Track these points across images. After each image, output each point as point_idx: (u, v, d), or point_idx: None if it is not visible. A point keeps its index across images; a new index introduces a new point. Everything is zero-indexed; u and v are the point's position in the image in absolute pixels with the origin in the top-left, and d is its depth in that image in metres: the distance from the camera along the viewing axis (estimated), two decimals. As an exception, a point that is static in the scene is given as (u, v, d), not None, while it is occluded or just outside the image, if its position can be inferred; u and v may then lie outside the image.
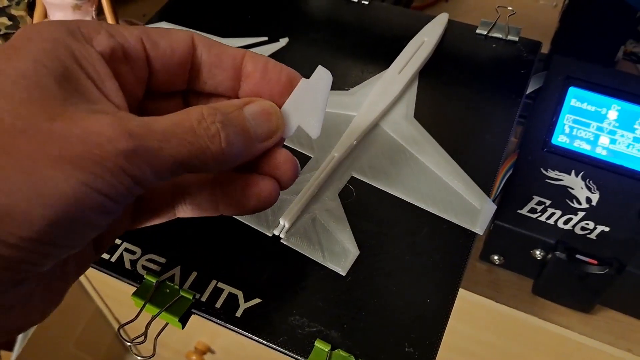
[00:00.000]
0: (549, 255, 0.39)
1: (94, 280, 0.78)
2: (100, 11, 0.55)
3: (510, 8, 0.43)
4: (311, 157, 0.36)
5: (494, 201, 0.40)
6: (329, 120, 0.37)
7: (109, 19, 0.54)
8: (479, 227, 0.32)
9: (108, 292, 0.81)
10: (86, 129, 0.18)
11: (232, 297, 0.30)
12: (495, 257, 0.43)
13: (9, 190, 0.16)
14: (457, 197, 0.33)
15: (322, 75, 0.24)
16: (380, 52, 0.42)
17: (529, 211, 0.39)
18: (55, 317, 0.88)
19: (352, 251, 0.31)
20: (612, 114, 0.41)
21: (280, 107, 0.24)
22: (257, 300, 0.30)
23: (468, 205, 0.33)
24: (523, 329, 0.45)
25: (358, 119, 0.37)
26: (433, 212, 0.33)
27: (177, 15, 0.46)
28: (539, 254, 0.39)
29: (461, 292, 0.44)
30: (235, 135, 0.22)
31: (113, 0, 0.54)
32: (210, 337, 0.79)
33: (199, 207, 0.25)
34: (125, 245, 0.32)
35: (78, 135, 0.18)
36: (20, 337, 0.89)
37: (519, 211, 0.39)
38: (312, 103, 0.24)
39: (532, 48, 0.42)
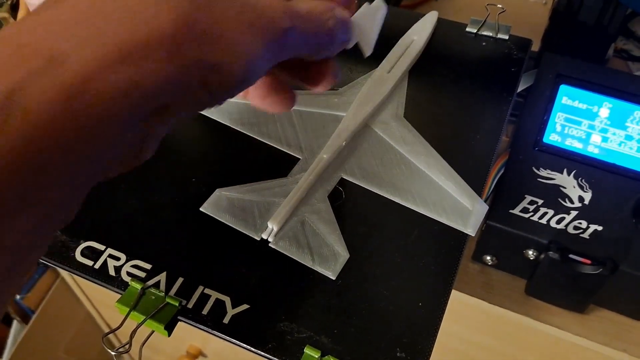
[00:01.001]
0: (542, 256, 0.38)
1: (84, 285, 0.77)
2: None
3: (500, 6, 0.42)
4: (300, 159, 0.35)
5: (485, 201, 0.39)
6: (318, 121, 0.37)
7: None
8: (471, 228, 0.32)
9: (98, 298, 0.80)
10: (261, 1, 0.21)
11: (219, 303, 0.29)
12: (488, 258, 0.42)
13: (222, 49, 0.19)
14: (449, 198, 0.33)
15: (380, 4, 0.29)
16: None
17: (521, 211, 0.39)
18: (45, 322, 0.88)
19: (342, 254, 0.31)
20: (604, 112, 0.41)
21: None
22: (245, 306, 0.29)
23: (459, 206, 0.33)
24: (517, 329, 0.45)
25: (347, 120, 0.36)
26: (424, 214, 0.32)
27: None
28: (532, 254, 0.39)
29: (454, 293, 0.43)
30: (340, 31, 0.24)
31: None
32: (202, 341, 0.78)
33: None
34: (110, 251, 0.31)
35: (259, 7, 0.21)
36: (9, 341, 0.88)
37: (511, 211, 0.39)
38: (370, 25, 0.29)
39: (523, 46, 0.41)
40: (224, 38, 0.19)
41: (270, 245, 0.31)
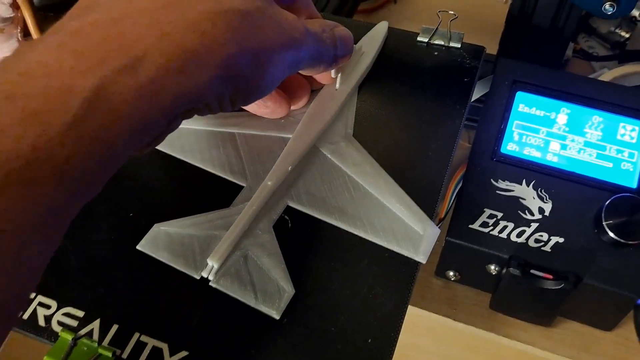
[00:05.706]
0: (504, 271, 0.37)
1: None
2: (26, 32, 0.52)
3: (452, 12, 0.41)
4: (244, 187, 0.33)
5: (445, 216, 0.38)
6: (264, 144, 0.35)
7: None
8: (422, 255, 0.30)
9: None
10: (290, 22, 0.25)
11: (156, 351, 0.27)
12: (451, 273, 0.41)
13: (259, 66, 0.23)
14: (399, 223, 0.31)
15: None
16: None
17: (480, 225, 0.37)
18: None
19: (287, 290, 0.29)
20: (562, 118, 0.40)
21: None
22: (184, 353, 0.27)
23: (410, 231, 0.31)
24: (484, 344, 0.43)
25: (293, 142, 0.34)
26: (374, 241, 0.31)
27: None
28: (494, 269, 0.38)
29: (418, 310, 0.42)
30: (342, 45, 0.30)
31: (40, 21, 0.51)
32: None
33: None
34: (40, 298, 0.29)
35: (287, 28, 0.24)
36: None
37: (470, 226, 0.37)
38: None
39: (475, 54, 0.40)
40: (262, 56, 0.23)
41: (210, 284, 0.29)
